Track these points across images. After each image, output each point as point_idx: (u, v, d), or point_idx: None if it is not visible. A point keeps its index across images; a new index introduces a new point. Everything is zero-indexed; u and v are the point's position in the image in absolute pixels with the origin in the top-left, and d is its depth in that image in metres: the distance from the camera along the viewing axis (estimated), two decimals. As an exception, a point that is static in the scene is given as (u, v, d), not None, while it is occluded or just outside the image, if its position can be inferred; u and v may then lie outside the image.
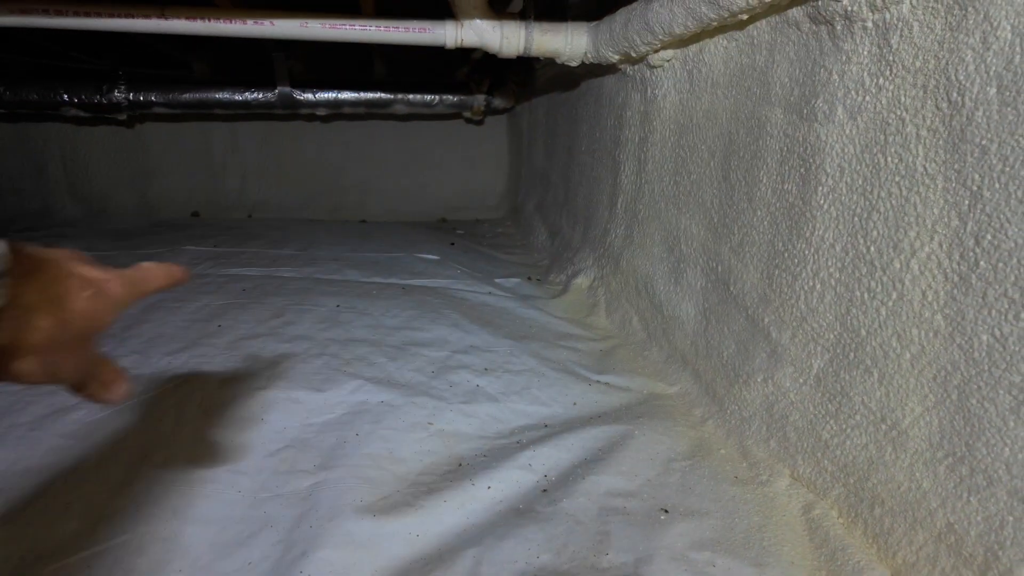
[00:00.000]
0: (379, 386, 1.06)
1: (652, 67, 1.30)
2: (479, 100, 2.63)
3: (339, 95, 2.51)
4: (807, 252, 0.85)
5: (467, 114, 2.78)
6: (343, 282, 1.55)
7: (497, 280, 1.71)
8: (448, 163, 3.01)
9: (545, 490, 0.84)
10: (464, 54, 2.44)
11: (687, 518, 0.78)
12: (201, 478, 0.81)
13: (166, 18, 1.35)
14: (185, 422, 0.93)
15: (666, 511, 0.79)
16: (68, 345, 0.39)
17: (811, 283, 0.85)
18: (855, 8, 0.73)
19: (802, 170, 0.86)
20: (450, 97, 2.61)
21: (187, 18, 1.36)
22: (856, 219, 0.76)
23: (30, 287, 0.36)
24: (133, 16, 1.33)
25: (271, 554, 0.71)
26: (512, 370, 1.16)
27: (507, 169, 3.02)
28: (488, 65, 2.51)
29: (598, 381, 1.16)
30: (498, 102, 2.67)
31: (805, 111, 0.85)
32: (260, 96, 2.46)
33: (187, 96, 2.43)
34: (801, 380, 0.86)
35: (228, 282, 1.48)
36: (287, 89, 2.45)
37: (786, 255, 0.90)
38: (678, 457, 0.92)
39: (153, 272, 0.47)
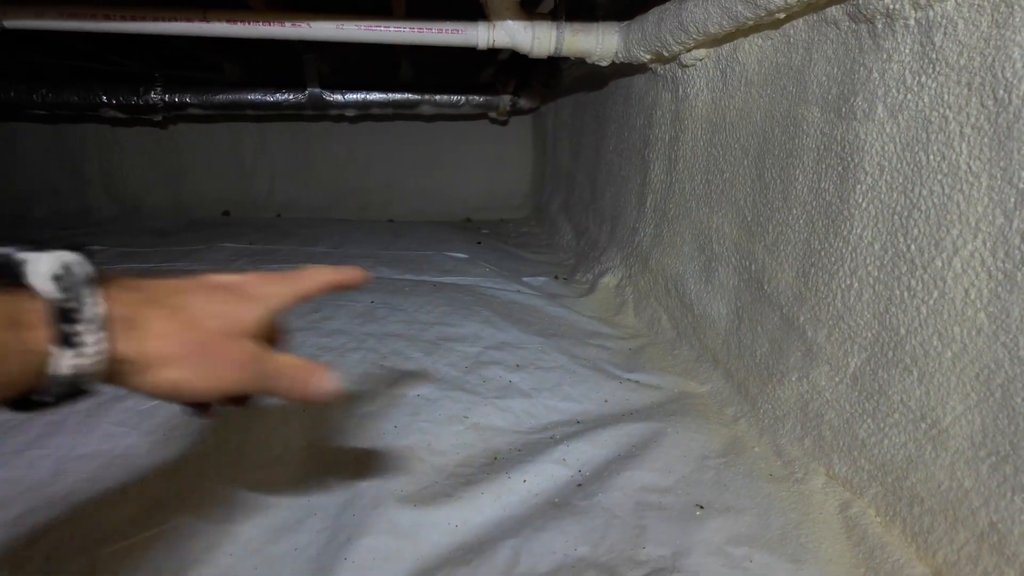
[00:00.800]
0: (415, 380, 1.08)
1: (684, 66, 1.31)
2: (505, 100, 2.65)
3: (367, 96, 2.55)
4: (844, 250, 0.85)
5: (492, 114, 2.80)
6: (376, 279, 1.58)
7: (525, 278, 1.72)
8: (473, 163, 3.04)
9: (580, 484, 0.85)
10: (490, 55, 2.46)
11: (723, 514, 0.78)
12: (248, 465, 0.84)
13: (208, 21, 1.39)
14: (232, 411, 0.96)
15: (701, 507, 0.80)
16: (214, 349, 0.39)
17: (848, 281, 0.85)
18: (897, 6, 0.73)
19: (840, 168, 0.86)
20: (476, 97, 2.63)
21: (228, 21, 1.40)
22: (896, 217, 0.76)
23: (138, 297, 0.37)
24: (177, 20, 1.37)
25: (317, 540, 0.74)
26: (543, 367, 1.17)
27: (531, 169, 3.03)
28: (514, 65, 2.53)
29: (628, 379, 1.17)
30: (523, 102, 2.68)
31: (843, 109, 0.85)
32: (290, 97, 2.51)
33: (220, 97, 2.49)
34: (837, 379, 0.86)
35: (265, 278, 1.52)
36: (317, 90, 2.49)
37: (822, 253, 0.90)
38: (711, 455, 0.92)
39: (313, 273, 0.47)
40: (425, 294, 1.47)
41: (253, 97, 2.49)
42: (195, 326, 0.39)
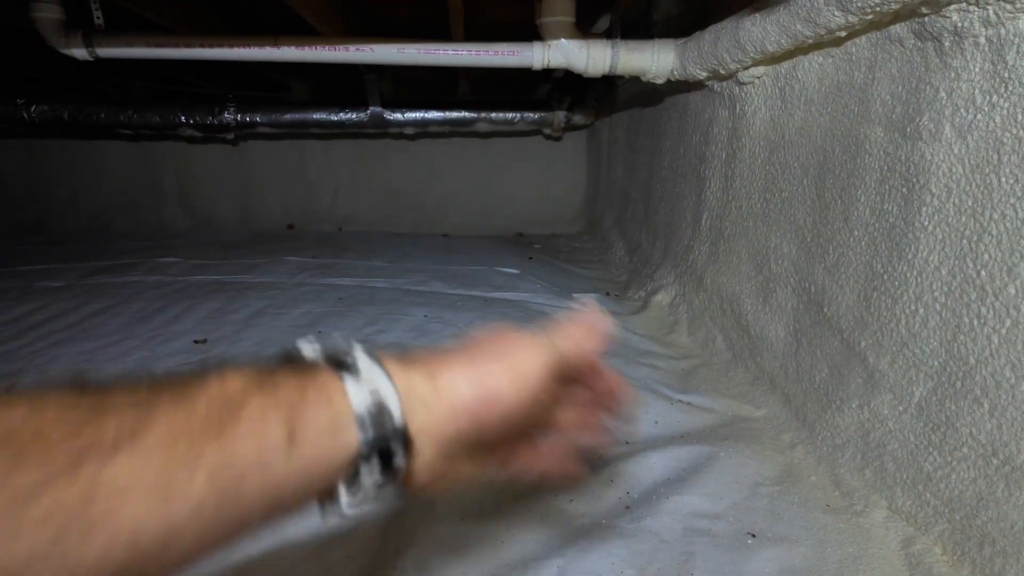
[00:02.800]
0: (465, 395, 1.10)
1: (741, 84, 1.29)
2: (559, 117, 2.67)
3: (425, 115, 2.63)
4: (909, 275, 0.82)
5: (547, 131, 2.83)
6: (430, 293, 1.61)
7: (575, 295, 1.72)
8: (526, 179, 3.07)
9: (628, 507, 0.84)
10: (546, 72, 2.50)
11: (776, 544, 0.76)
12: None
13: (279, 47, 1.47)
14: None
15: (753, 535, 0.78)
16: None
17: (913, 307, 0.81)
18: (966, 24, 0.70)
19: (904, 190, 0.83)
20: (531, 115, 2.67)
21: (297, 46, 1.48)
22: (965, 242, 0.73)
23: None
24: (251, 46, 1.46)
25: (367, 548, 0.76)
26: (593, 385, 1.17)
27: (584, 184, 3.04)
28: (569, 83, 2.55)
29: (680, 400, 1.15)
30: (578, 119, 2.70)
31: (908, 129, 0.82)
32: (353, 116, 2.61)
33: (287, 116, 2.62)
34: (901, 408, 0.83)
35: (325, 291, 1.58)
36: (378, 109, 2.59)
37: (885, 277, 0.87)
38: (765, 482, 0.90)
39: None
40: (476, 309, 1.49)
41: (318, 116, 2.60)
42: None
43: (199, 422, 0.27)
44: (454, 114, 2.64)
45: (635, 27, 1.69)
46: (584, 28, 1.55)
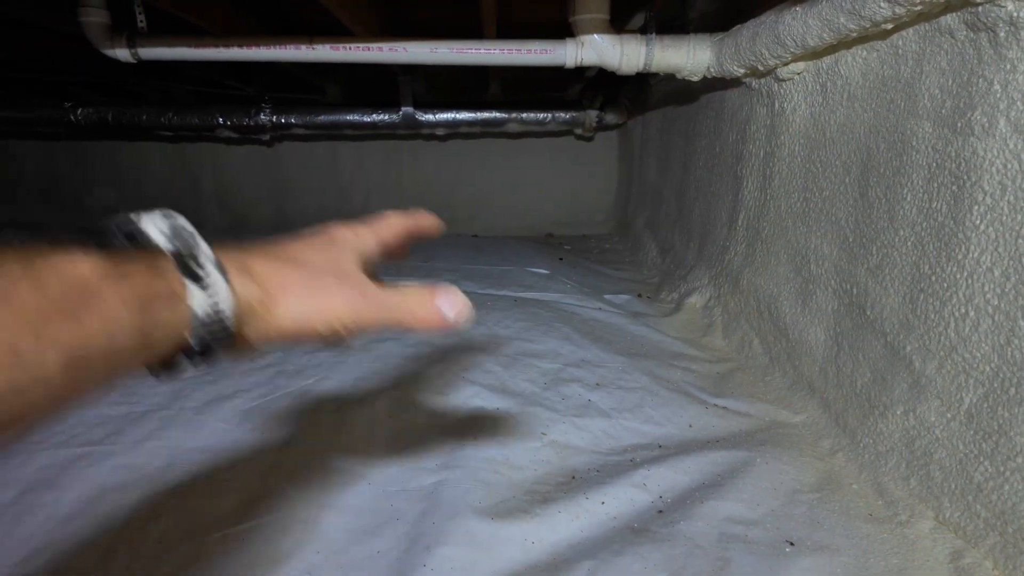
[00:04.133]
0: (494, 393, 1.09)
1: (781, 80, 1.26)
2: (591, 117, 2.65)
3: (457, 115, 2.63)
4: (959, 276, 0.79)
5: (578, 131, 2.81)
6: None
7: (606, 296, 1.70)
8: (556, 179, 3.06)
9: (661, 511, 0.82)
10: (578, 71, 2.48)
11: (815, 552, 0.74)
12: (337, 468, 0.89)
13: (313, 47, 1.49)
14: (323, 415, 1.01)
15: (791, 543, 0.75)
16: (326, 280, 0.41)
17: (963, 310, 0.78)
18: (1023, 14, 0.67)
19: (954, 187, 0.80)
20: (562, 114, 2.65)
21: (331, 46, 1.49)
22: (1020, 241, 0.69)
23: (238, 250, 0.39)
24: (287, 46, 1.48)
25: (397, 545, 0.76)
26: (624, 387, 1.15)
27: (615, 185, 3.01)
28: (601, 82, 2.53)
29: (715, 404, 1.13)
30: (610, 118, 2.67)
31: (959, 124, 0.79)
32: (385, 117, 2.63)
33: (321, 118, 2.65)
34: (949, 415, 0.79)
35: (357, 289, 1.60)
36: (410, 110, 2.60)
37: (933, 279, 0.83)
38: (804, 489, 0.87)
39: (389, 219, 0.50)
40: (505, 308, 1.49)
41: (351, 118, 2.63)
42: (302, 263, 0.41)
43: (52, 304, 0.28)
44: (485, 114, 2.64)
45: (670, 24, 1.66)
46: (618, 26, 1.53)
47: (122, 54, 1.52)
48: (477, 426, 1.00)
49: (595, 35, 1.46)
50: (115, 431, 0.96)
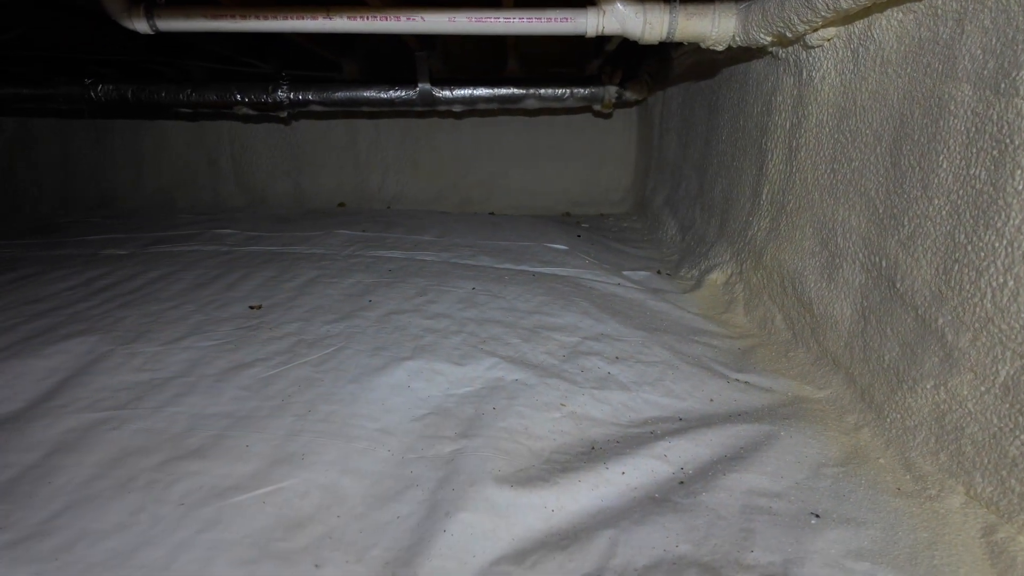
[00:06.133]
0: (513, 365, 1.08)
1: (810, 47, 1.22)
2: (610, 92, 2.60)
3: (474, 92, 2.60)
4: (997, 245, 0.76)
5: (597, 107, 2.76)
6: (477, 267, 1.60)
7: (625, 272, 1.68)
8: (573, 157, 3.02)
9: (682, 482, 0.81)
10: (598, 45, 2.43)
11: (842, 525, 0.72)
12: (356, 435, 0.88)
13: (331, 18, 1.47)
14: (343, 383, 1.01)
15: (817, 515, 0.74)
16: None
17: (1001, 279, 0.75)
18: (1080, -38, 0.63)
19: (995, 152, 0.76)
20: (581, 90, 2.60)
21: (348, 17, 1.47)
22: (1068, 206, 0.66)
23: None
24: (304, 17, 1.47)
25: (417, 511, 0.76)
26: (644, 361, 1.14)
27: (634, 162, 2.97)
28: (621, 56, 2.48)
29: (737, 379, 1.11)
30: (629, 94, 2.62)
31: (1003, 85, 0.75)
32: (403, 94, 2.60)
33: (339, 95, 2.63)
34: (983, 388, 0.77)
35: (376, 263, 1.59)
36: (427, 87, 2.57)
37: (969, 248, 0.80)
38: (829, 463, 0.85)
39: None
40: (524, 283, 1.48)
41: (368, 94, 2.61)
42: None
43: None
44: (503, 91, 2.60)
45: (694, -7, 1.61)
46: (640, -6, 1.49)
47: (140, 26, 1.51)
48: (496, 396, 0.99)
49: (617, 3, 1.42)
50: (137, 396, 0.96)
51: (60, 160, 3.16)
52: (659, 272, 1.73)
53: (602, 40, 1.49)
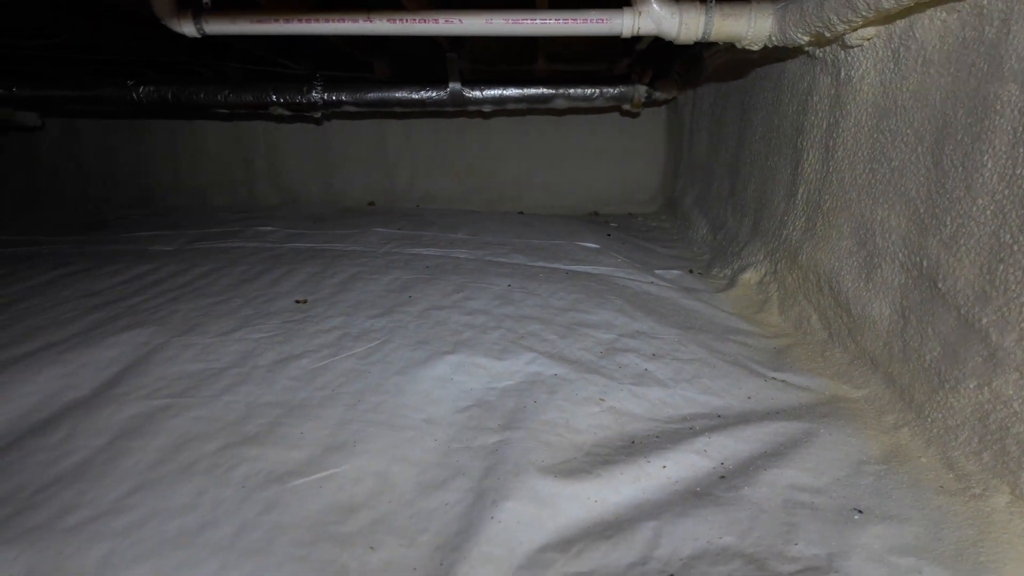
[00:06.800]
0: (552, 360, 1.11)
1: (848, 47, 1.22)
2: (640, 92, 2.61)
3: (504, 92, 2.62)
4: (1046, 244, 0.76)
5: (626, 106, 2.76)
6: (511, 265, 1.63)
7: (657, 271, 1.69)
8: (601, 157, 3.03)
9: (723, 477, 0.83)
10: (629, 45, 2.43)
11: (885, 521, 0.73)
12: (404, 425, 0.92)
13: (371, 20, 1.51)
14: (388, 375, 1.05)
15: (859, 511, 0.75)
16: None
17: (1049, 279, 0.75)
18: None
19: (1044, 152, 0.76)
20: (610, 90, 2.61)
21: (388, 19, 1.51)
22: (1120, 206, 0.66)
23: None
24: (345, 20, 1.50)
25: (464, 499, 0.78)
26: (681, 358, 1.15)
27: (663, 162, 2.96)
28: (651, 56, 2.48)
29: (774, 378, 1.11)
30: (659, 94, 2.62)
31: (1053, 85, 0.75)
32: (433, 94, 2.64)
33: (371, 95, 2.68)
34: (1029, 388, 0.77)
35: (413, 260, 1.63)
36: (458, 87, 2.60)
37: (1015, 248, 0.80)
38: (869, 460, 0.86)
39: None
40: (558, 281, 1.50)
41: (400, 95, 2.65)
42: None
43: None
44: (532, 90, 2.62)
45: (728, -7, 1.61)
46: (675, -6, 1.49)
47: (188, 29, 1.57)
48: (536, 390, 1.02)
49: (653, 3, 1.43)
50: (194, 385, 1.01)
51: (103, 160, 3.26)
52: (691, 271, 1.74)
53: (633, 40, 1.49)
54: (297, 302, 1.34)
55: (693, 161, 2.49)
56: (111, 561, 0.68)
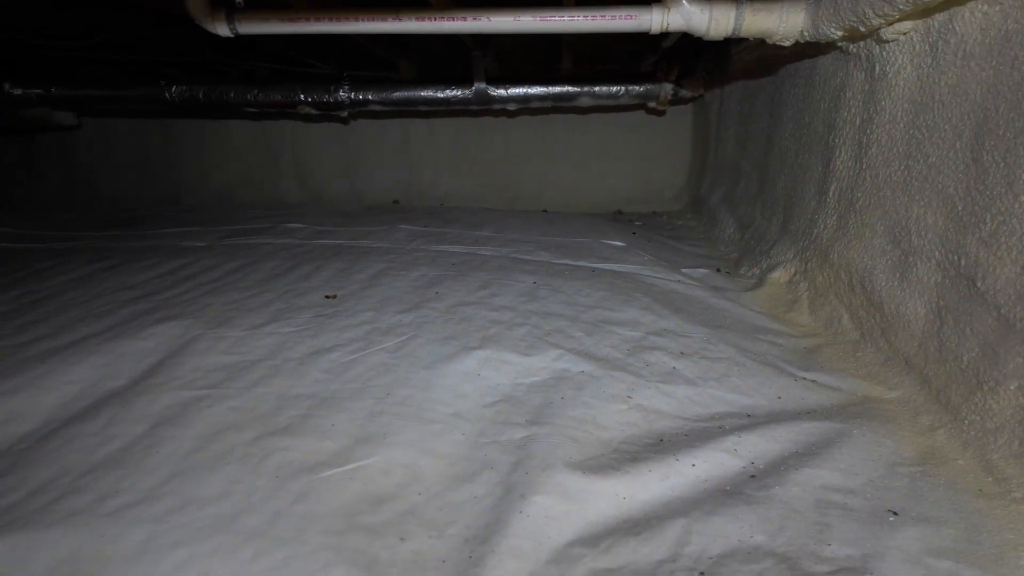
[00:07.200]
0: (578, 357, 1.11)
1: (883, 42, 1.20)
2: (666, 89, 2.58)
3: (529, 90, 2.62)
4: (1092, 243, 0.74)
5: (652, 104, 2.74)
6: (536, 262, 1.63)
7: (684, 269, 1.68)
8: (625, 155, 3.01)
9: (753, 476, 0.82)
10: (655, 42, 2.41)
11: (921, 523, 0.72)
12: (432, 418, 0.92)
13: (400, 19, 1.52)
14: (417, 369, 1.06)
15: (895, 513, 0.73)
16: None
17: (1096, 278, 0.73)
18: None
19: (1092, 147, 0.74)
20: (635, 87, 2.60)
21: (417, 18, 1.52)
22: None
23: None
24: (374, 19, 1.52)
25: (493, 492, 0.79)
26: (709, 357, 1.14)
27: (688, 160, 2.94)
28: (677, 53, 2.46)
29: (804, 378, 1.10)
30: (685, 91, 2.60)
31: (1102, 78, 0.73)
32: (458, 93, 2.65)
33: (397, 94, 2.70)
34: (1074, 390, 0.75)
35: (439, 256, 1.64)
36: (483, 86, 2.61)
37: (1060, 246, 0.78)
38: (904, 462, 0.84)
39: None
40: (584, 278, 1.49)
41: (425, 94, 2.66)
42: None
43: None
44: (557, 89, 2.61)
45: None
46: (704, -10, 1.48)
47: (221, 29, 1.59)
48: (563, 386, 1.02)
49: (683, 0, 1.42)
50: (228, 377, 1.03)
51: (134, 157, 3.34)
52: (719, 270, 1.72)
53: (659, 37, 1.48)
54: (327, 297, 1.36)
55: (720, 159, 2.46)
56: (150, 546, 0.70)
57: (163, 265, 1.60)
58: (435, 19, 1.52)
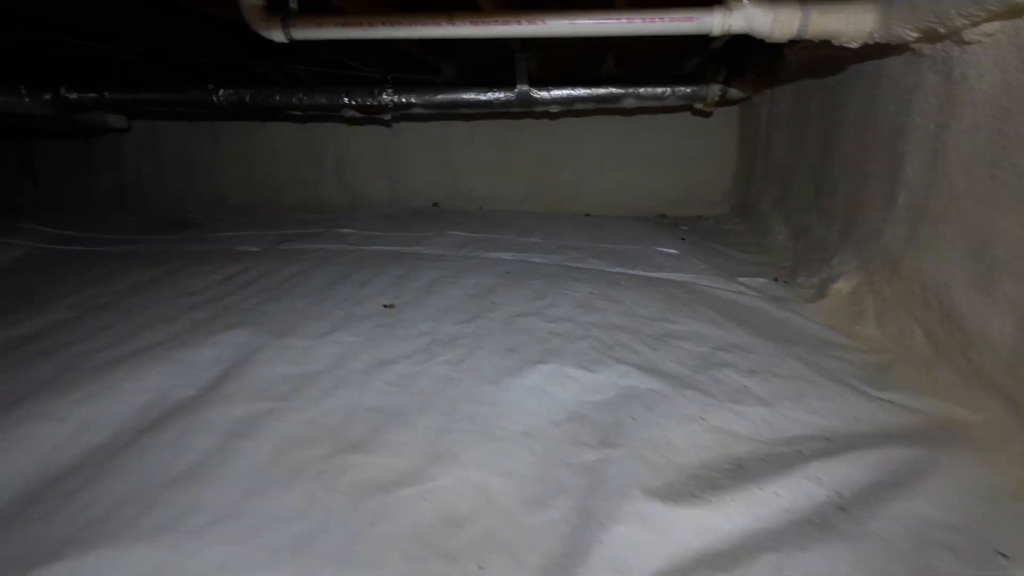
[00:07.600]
0: (645, 374, 1.08)
1: (965, 43, 1.14)
2: (714, 91, 2.52)
3: (572, 92, 2.59)
4: None
5: (698, 105, 2.68)
6: (590, 270, 1.60)
7: (740, 279, 1.63)
8: (669, 157, 2.96)
9: (842, 508, 0.78)
10: (702, 43, 2.35)
11: (1033, 567, 0.67)
12: (500, 436, 0.91)
13: (454, 24, 1.50)
14: (481, 383, 1.04)
15: (1005, 556, 0.69)
16: None
17: None
18: None
19: None
20: (682, 89, 2.54)
21: (471, 22, 1.50)
22: None
23: None
24: (428, 24, 1.51)
25: (568, 518, 0.77)
26: (780, 374, 1.10)
27: (735, 163, 2.87)
28: (725, 54, 2.40)
29: (880, 398, 1.05)
30: (733, 92, 2.54)
31: None
32: (500, 96, 2.63)
33: (440, 97, 2.69)
34: None
35: (491, 264, 1.63)
36: (526, 88, 2.59)
37: None
38: (1004, 495, 0.80)
39: None
40: (640, 288, 1.46)
41: (468, 96, 2.65)
42: None
43: None
44: (601, 90, 2.57)
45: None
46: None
47: (276, 35, 1.60)
48: (632, 405, 0.99)
49: (746, 2, 1.37)
50: (295, 389, 1.03)
51: (181, 160, 3.41)
52: (776, 279, 1.67)
53: (708, 38, 1.44)
54: (385, 306, 1.36)
55: (770, 162, 2.39)
56: (230, 566, 0.69)
57: (222, 270, 1.61)
58: (488, 23, 1.50)
